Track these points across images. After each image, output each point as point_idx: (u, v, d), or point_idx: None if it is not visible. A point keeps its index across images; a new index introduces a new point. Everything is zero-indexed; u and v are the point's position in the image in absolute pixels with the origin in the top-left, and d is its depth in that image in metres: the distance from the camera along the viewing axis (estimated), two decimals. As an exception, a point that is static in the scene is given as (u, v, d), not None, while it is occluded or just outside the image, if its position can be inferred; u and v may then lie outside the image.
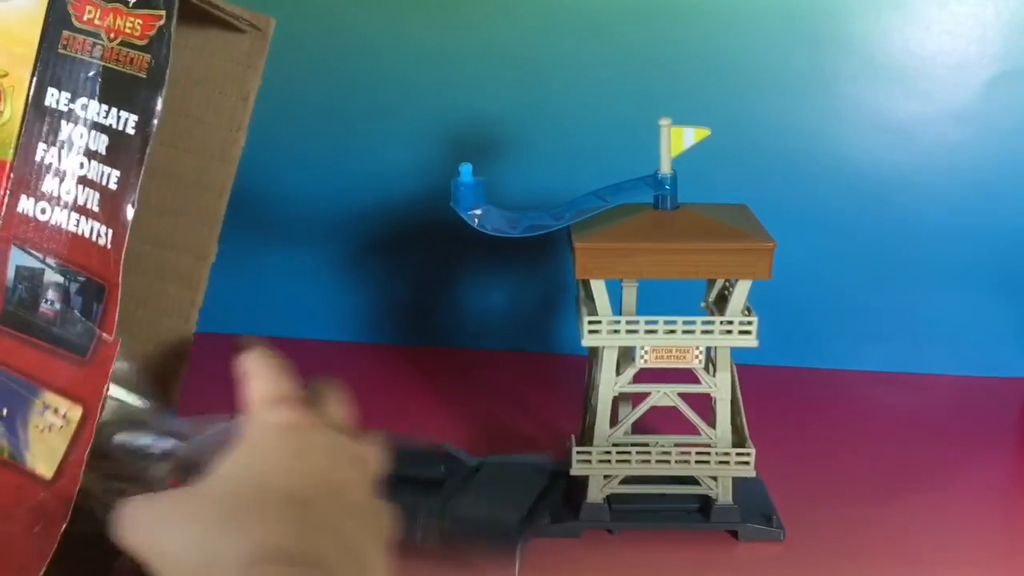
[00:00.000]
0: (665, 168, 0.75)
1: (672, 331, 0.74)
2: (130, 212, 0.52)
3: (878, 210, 1.04)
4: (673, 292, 0.76)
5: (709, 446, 0.77)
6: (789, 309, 1.03)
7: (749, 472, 0.77)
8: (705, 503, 0.79)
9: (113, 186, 0.52)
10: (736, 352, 0.76)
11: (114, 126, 0.53)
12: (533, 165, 1.06)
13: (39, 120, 0.53)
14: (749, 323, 0.74)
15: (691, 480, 0.78)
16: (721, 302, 0.78)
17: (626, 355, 0.77)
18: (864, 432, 0.97)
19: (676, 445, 0.78)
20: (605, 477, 0.78)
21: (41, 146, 0.53)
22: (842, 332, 1.09)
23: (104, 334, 0.52)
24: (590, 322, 0.74)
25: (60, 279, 0.53)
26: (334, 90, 1.11)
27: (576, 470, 0.77)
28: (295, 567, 0.34)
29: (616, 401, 0.79)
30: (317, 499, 0.37)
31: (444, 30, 1.07)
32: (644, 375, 0.76)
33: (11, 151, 0.53)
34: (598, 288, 0.74)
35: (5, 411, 0.52)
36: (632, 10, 1.02)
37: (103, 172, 0.53)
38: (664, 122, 0.73)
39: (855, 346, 1.09)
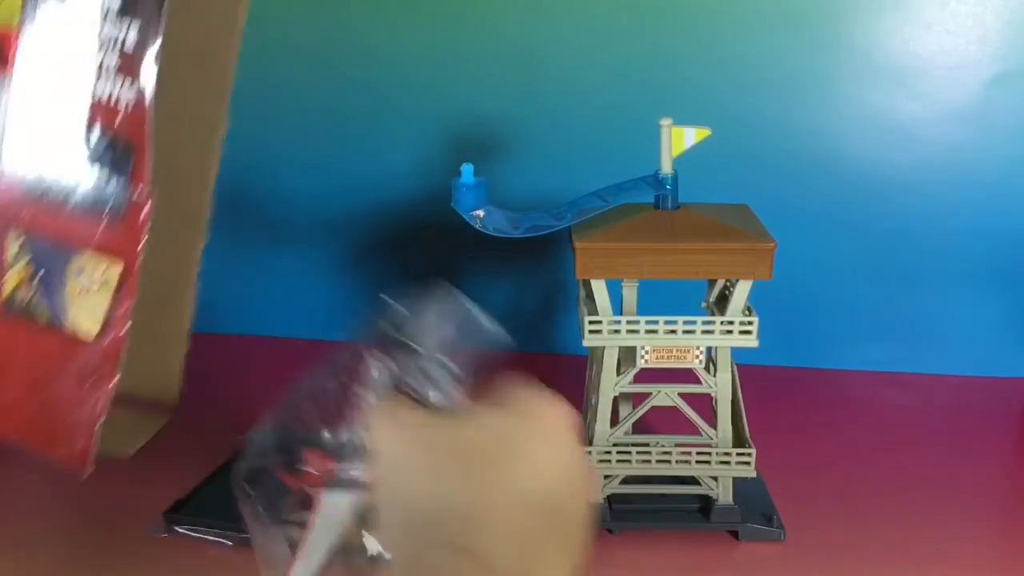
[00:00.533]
0: (666, 168, 0.75)
1: (673, 331, 0.74)
2: (152, 66, 0.50)
3: (878, 210, 1.04)
4: (673, 292, 0.76)
5: (710, 446, 0.77)
6: (789, 309, 1.03)
7: (750, 472, 0.77)
8: (705, 503, 0.79)
9: (133, 38, 0.51)
10: (736, 352, 0.76)
11: None
12: (534, 165, 1.06)
13: None
14: (750, 323, 0.74)
15: (691, 480, 0.78)
16: (722, 302, 0.78)
17: (627, 355, 0.77)
18: (864, 432, 0.97)
19: (677, 445, 0.78)
20: (605, 477, 0.78)
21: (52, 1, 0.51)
22: (842, 332, 1.09)
23: (136, 192, 0.51)
24: (591, 322, 0.74)
25: (93, 140, 0.52)
26: (335, 91, 1.11)
27: (576, 470, 0.77)
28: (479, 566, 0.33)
29: (616, 401, 0.79)
30: (558, 513, 0.36)
31: (445, 30, 1.07)
32: (644, 375, 0.76)
33: (18, 17, 0.52)
34: (599, 288, 0.74)
35: (41, 272, 0.52)
36: (633, 10, 1.02)
37: (122, 26, 0.51)
38: (665, 122, 0.73)
39: (855, 346, 1.10)
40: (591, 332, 0.74)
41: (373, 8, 1.08)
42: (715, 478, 0.78)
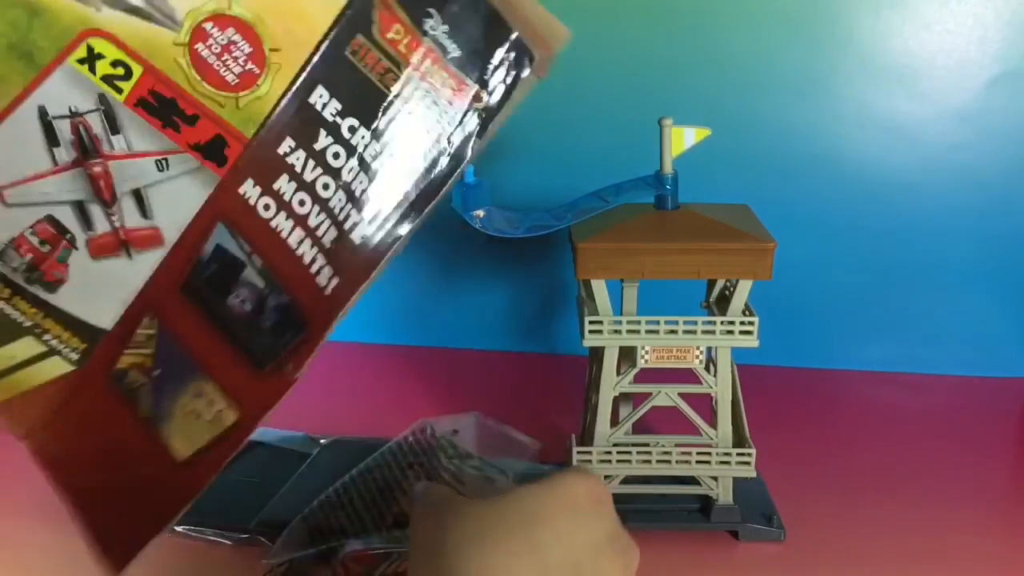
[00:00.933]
0: (666, 168, 0.75)
1: (673, 331, 0.74)
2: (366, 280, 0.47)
3: (878, 210, 1.04)
4: (673, 292, 0.76)
5: (710, 446, 0.77)
6: (789, 309, 1.03)
7: (750, 472, 0.77)
8: (705, 503, 0.79)
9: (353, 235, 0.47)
10: (736, 352, 0.76)
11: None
12: (534, 165, 1.06)
13: (298, 114, 0.46)
14: (750, 323, 0.74)
15: (691, 480, 0.78)
16: (722, 302, 0.79)
17: (627, 355, 0.77)
18: (864, 432, 0.97)
19: (677, 445, 0.78)
20: (605, 477, 0.78)
21: (289, 141, 0.46)
22: (842, 332, 1.10)
23: (288, 366, 0.47)
24: (591, 322, 0.74)
25: (260, 283, 0.47)
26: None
27: (577, 470, 0.77)
28: None
29: (617, 401, 0.79)
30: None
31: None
32: (645, 375, 0.76)
33: (253, 128, 0.46)
34: (599, 288, 0.74)
35: (159, 372, 0.48)
36: (633, 10, 1.02)
37: (348, 210, 0.47)
38: (666, 122, 0.73)
39: (855, 346, 1.10)
40: (591, 332, 0.74)
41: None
42: (715, 478, 0.78)
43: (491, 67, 0.46)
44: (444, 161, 0.47)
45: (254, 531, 0.75)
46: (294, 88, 0.46)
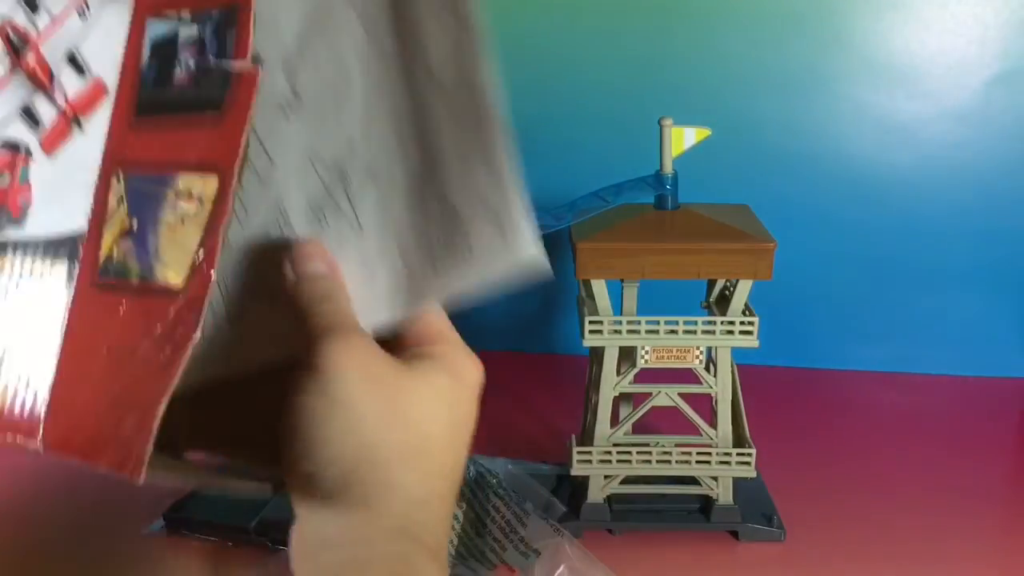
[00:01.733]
0: (666, 168, 0.75)
1: (673, 331, 0.74)
2: None
3: (878, 210, 1.04)
4: (674, 292, 0.76)
5: (710, 446, 0.77)
6: (789, 309, 1.03)
7: (750, 472, 0.77)
8: (705, 503, 0.79)
9: None
10: (736, 352, 0.76)
11: None
12: (534, 165, 1.06)
13: None
14: (750, 323, 0.74)
15: (692, 480, 0.78)
16: (722, 302, 0.78)
17: (627, 355, 0.77)
18: (864, 432, 0.97)
19: (677, 445, 0.78)
20: (606, 477, 0.78)
21: None
22: (842, 332, 1.09)
23: (237, 63, 0.43)
24: (591, 322, 0.74)
25: (194, 31, 0.45)
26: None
27: (576, 470, 0.77)
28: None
29: (617, 401, 0.79)
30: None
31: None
32: (645, 375, 0.76)
33: None
34: (599, 288, 0.74)
35: (136, 223, 0.45)
36: (633, 10, 1.02)
37: None
38: (666, 122, 0.73)
39: (855, 346, 1.10)
40: (591, 332, 0.74)
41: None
42: (715, 478, 0.78)
43: None
44: None
45: (254, 531, 0.75)
46: None
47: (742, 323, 0.74)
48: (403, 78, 0.47)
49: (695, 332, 0.74)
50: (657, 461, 0.77)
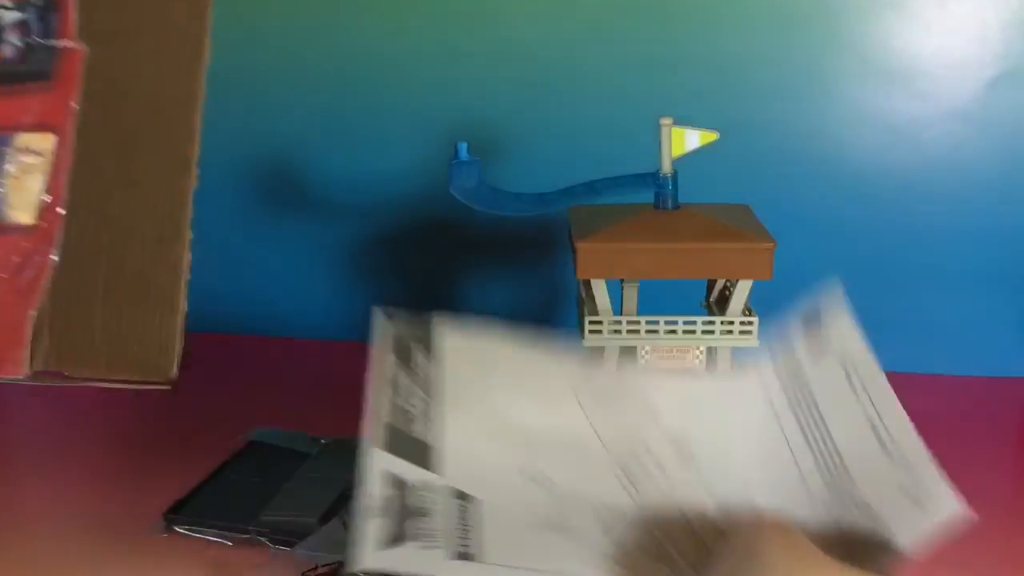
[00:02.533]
0: (666, 168, 0.75)
1: (673, 331, 0.74)
2: None
3: (878, 210, 1.04)
4: (673, 292, 0.76)
5: (710, 446, 0.77)
6: (789, 309, 1.03)
7: (750, 472, 0.77)
8: (706, 503, 0.79)
9: None
10: (737, 352, 0.76)
11: None
12: (534, 165, 1.06)
13: None
14: (750, 323, 0.74)
15: (692, 480, 0.78)
16: (722, 302, 0.78)
17: (627, 355, 0.77)
18: (864, 432, 0.96)
19: (677, 445, 0.78)
20: (606, 477, 0.78)
21: None
22: (842, 332, 1.09)
23: (64, 43, 0.49)
24: (591, 322, 0.74)
25: (17, 15, 0.51)
26: (334, 90, 1.11)
27: (577, 470, 0.77)
28: None
29: (617, 401, 0.79)
30: None
31: (445, 30, 1.07)
32: (645, 375, 0.76)
33: None
34: (599, 288, 0.74)
35: None
36: (633, 10, 1.02)
37: None
38: (665, 122, 0.73)
39: (855, 346, 1.09)
40: (591, 332, 0.74)
41: (374, 8, 1.09)
42: (715, 478, 0.77)
43: None
44: None
45: (254, 531, 0.75)
46: None
47: (742, 323, 0.74)
48: None
49: (695, 332, 0.74)
50: (657, 461, 0.77)
